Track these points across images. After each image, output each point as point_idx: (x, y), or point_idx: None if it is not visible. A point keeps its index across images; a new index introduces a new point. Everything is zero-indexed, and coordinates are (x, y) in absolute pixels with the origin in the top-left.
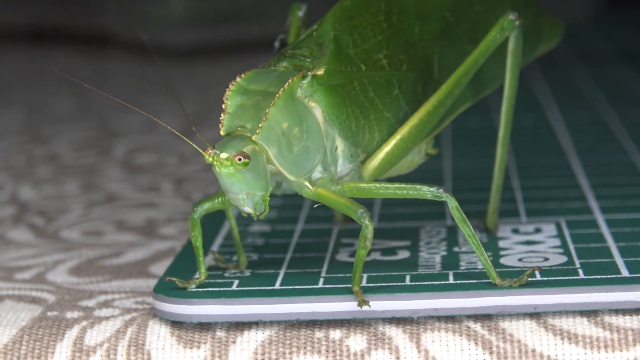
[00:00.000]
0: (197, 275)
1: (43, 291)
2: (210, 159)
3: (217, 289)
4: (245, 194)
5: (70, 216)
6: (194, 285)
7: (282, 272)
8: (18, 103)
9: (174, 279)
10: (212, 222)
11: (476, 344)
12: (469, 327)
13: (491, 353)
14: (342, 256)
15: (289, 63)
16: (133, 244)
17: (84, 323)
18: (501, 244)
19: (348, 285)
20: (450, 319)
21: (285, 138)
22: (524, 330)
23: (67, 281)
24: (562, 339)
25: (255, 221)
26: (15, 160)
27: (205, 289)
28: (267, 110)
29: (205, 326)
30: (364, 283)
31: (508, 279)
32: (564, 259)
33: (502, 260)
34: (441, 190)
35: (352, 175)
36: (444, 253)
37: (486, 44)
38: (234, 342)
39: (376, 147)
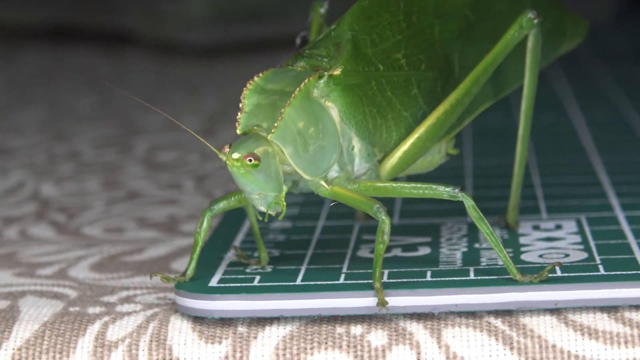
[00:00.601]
0: (183, 273)
1: (65, 287)
2: (224, 158)
3: (238, 284)
4: (257, 194)
5: (91, 213)
6: (174, 283)
7: (303, 268)
8: (39, 101)
9: (158, 274)
10: (235, 217)
11: (497, 339)
12: (489, 323)
13: (512, 349)
14: (364, 252)
15: (306, 63)
16: (154, 241)
17: (106, 318)
18: (522, 240)
19: (369, 281)
20: (471, 314)
21: (301, 137)
22: (545, 326)
23: (89, 277)
24: (583, 334)
25: (275, 218)
26: (36, 158)
27: (227, 285)
28: (283, 110)
29: (226, 321)
30: (385, 279)
31: (528, 274)
32: (585, 255)
33: (523, 257)
34: (457, 190)
35: (369, 174)
36: (465, 249)
37: (504, 42)
38: (255, 337)
39: (394, 146)
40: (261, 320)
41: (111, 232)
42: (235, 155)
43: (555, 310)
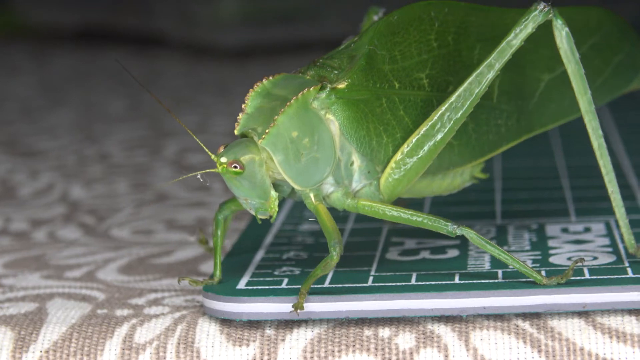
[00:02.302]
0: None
1: (93, 289)
2: (215, 160)
3: (266, 287)
4: (244, 199)
5: (120, 215)
6: (202, 286)
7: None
8: (69, 103)
9: (187, 278)
10: (262, 225)
11: (525, 342)
12: (517, 326)
13: (539, 351)
14: (392, 255)
15: (315, 72)
16: (183, 243)
17: (134, 321)
18: (550, 243)
19: (398, 284)
20: (499, 317)
21: (293, 146)
22: (573, 329)
23: (117, 279)
24: (611, 337)
25: (303, 220)
26: (66, 160)
27: (254, 287)
28: (277, 117)
29: (254, 324)
30: (413, 281)
31: (554, 276)
32: (613, 257)
33: (552, 259)
34: (455, 226)
35: (369, 191)
36: None
37: (512, 35)
38: (283, 340)
39: None
40: (289, 323)
41: (140, 234)
42: (223, 160)
43: (583, 313)
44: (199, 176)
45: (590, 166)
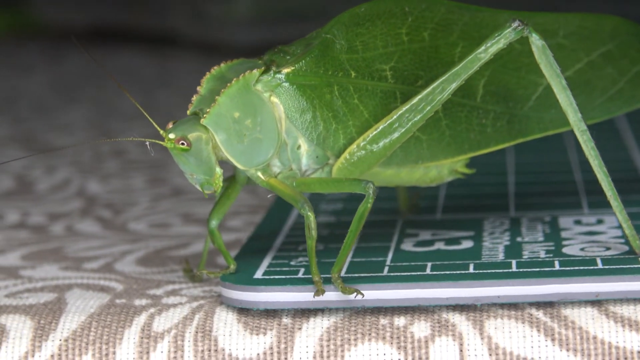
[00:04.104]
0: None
1: (111, 280)
2: (164, 135)
3: (283, 276)
4: (190, 174)
5: (137, 209)
6: (222, 275)
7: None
8: (85, 100)
9: (204, 270)
10: (278, 210)
11: (538, 330)
12: (531, 314)
13: (553, 340)
14: (407, 246)
15: (269, 57)
16: (199, 236)
17: (152, 310)
18: (564, 234)
19: (413, 274)
20: (513, 306)
21: (236, 127)
22: (586, 318)
23: (135, 271)
24: (623, 326)
25: (319, 212)
26: (82, 156)
27: (271, 277)
28: (217, 97)
29: (271, 313)
30: (428, 271)
31: None
32: (626, 248)
33: (565, 250)
34: (370, 183)
35: (320, 175)
36: (507, 243)
37: (481, 49)
38: (300, 328)
39: None
40: (305, 312)
41: (157, 227)
42: (171, 136)
43: (596, 301)
44: (147, 144)
45: (603, 160)
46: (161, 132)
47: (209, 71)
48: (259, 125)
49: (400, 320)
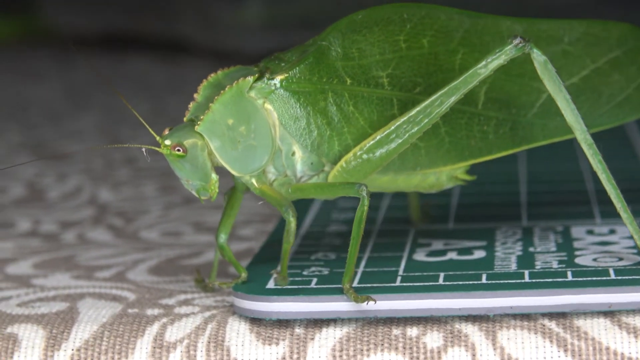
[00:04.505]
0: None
1: (123, 289)
2: (160, 141)
3: (296, 286)
4: (186, 180)
5: (148, 217)
6: (234, 285)
7: (360, 271)
8: (96, 107)
9: (216, 282)
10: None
11: (551, 341)
12: (544, 325)
13: (566, 350)
14: (419, 255)
15: (264, 64)
16: (212, 245)
17: (164, 320)
18: (576, 244)
19: (426, 284)
20: (525, 316)
21: (230, 133)
22: (598, 328)
23: (147, 280)
24: (636, 337)
25: (331, 221)
26: (94, 163)
27: (284, 287)
28: (211, 104)
29: (284, 323)
30: (441, 281)
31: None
32: (638, 259)
33: (577, 260)
34: (363, 186)
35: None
36: (520, 253)
37: (482, 65)
38: (313, 338)
39: None
40: (318, 322)
41: (169, 236)
42: (167, 142)
43: (609, 312)
44: (143, 150)
45: (615, 169)
46: (157, 138)
47: (206, 78)
48: (253, 132)
49: (412, 331)
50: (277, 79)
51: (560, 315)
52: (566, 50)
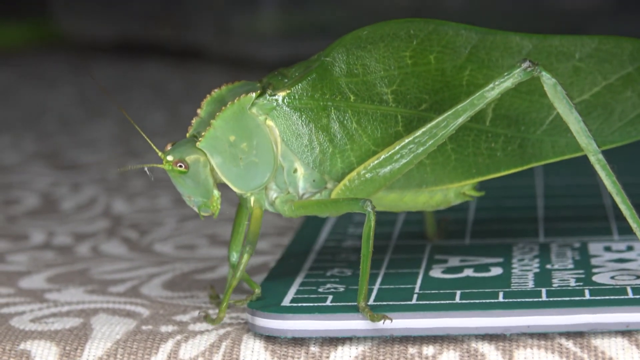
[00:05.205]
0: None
1: (137, 305)
2: (162, 157)
3: (311, 304)
4: (187, 196)
5: (163, 230)
6: (249, 302)
7: (375, 288)
8: (110, 115)
9: (231, 300)
10: (306, 236)
11: None
12: (561, 345)
13: None
14: (436, 272)
15: (267, 80)
16: (226, 259)
17: (179, 337)
18: (593, 261)
19: (442, 302)
20: (542, 336)
21: (232, 150)
22: (616, 348)
23: (162, 295)
24: None
25: (347, 236)
26: (108, 174)
27: (299, 304)
28: (213, 120)
29: (299, 341)
30: (457, 299)
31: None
32: None
33: (595, 278)
34: (368, 202)
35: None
36: (537, 270)
37: (490, 87)
38: (328, 357)
39: None
40: (333, 340)
41: (183, 249)
42: (169, 158)
43: (627, 332)
44: (146, 169)
45: (632, 184)
46: (159, 153)
47: (209, 93)
48: (255, 149)
49: (429, 350)
50: (279, 96)
51: (577, 334)
52: (577, 66)
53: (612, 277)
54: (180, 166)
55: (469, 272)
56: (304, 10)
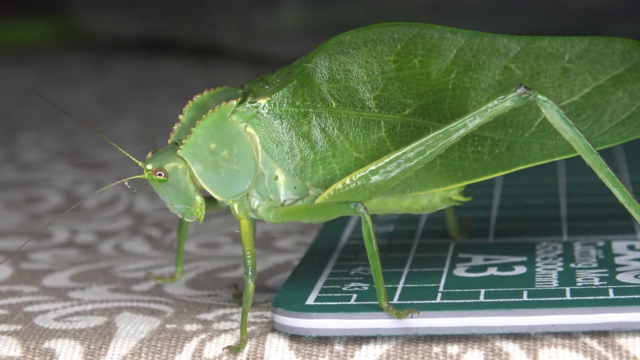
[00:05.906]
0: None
1: (161, 303)
2: (142, 166)
3: (335, 302)
4: (170, 204)
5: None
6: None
7: (400, 287)
8: (132, 113)
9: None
10: (330, 234)
11: None
12: (585, 344)
13: None
14: (460, 271)
15: (249, 86)
16: None
17: (203, 336)
18: (617, 260)
19: (467, 301)
20: (567, 335)
21: (212, 158)
22: None
23: (186, 294)
24: None
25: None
26: (130, 172)
27: (323, 303)
28: (193, 128)
29: (323, 340)
30: (481, 298)
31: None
32: None
33: (619, 277)
34: (359, 204)
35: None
36: (561, 269)
37: (483, 109)
38: (352, 356)
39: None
40: (358, 339)
41: (206, 247)
42: (148, 167)
43: None
44: (126, 183)
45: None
46: (139, 163)
47: (191, 99)
48: (236, 157)
49: (453, 349)
50: (259, 103)
51: (601, 333)
52: (566, 67)
53: (636, 276)
54: (160, 174)
55: (492, 271)
56: (325, 8)
